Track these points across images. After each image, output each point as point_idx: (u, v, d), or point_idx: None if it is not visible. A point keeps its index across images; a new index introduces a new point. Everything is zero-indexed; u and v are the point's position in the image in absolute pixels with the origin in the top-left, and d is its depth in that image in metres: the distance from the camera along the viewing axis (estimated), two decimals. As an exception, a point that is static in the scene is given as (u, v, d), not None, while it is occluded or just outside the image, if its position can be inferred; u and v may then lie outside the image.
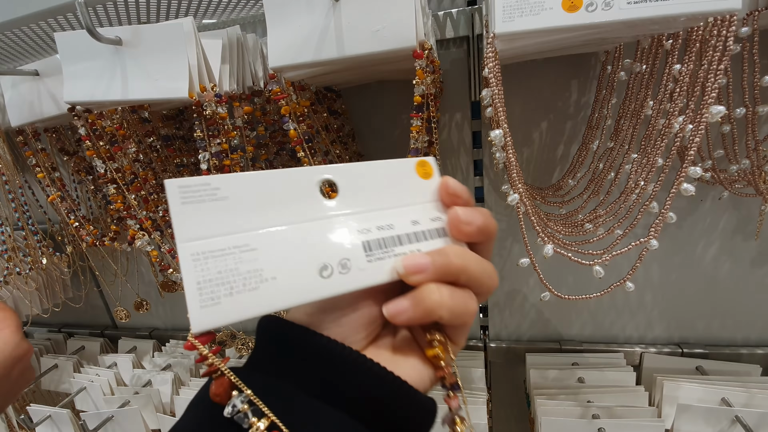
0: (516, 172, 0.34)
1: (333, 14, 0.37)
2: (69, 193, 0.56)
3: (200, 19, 0.65)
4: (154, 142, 0.55)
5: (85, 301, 0.88)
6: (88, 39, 0.43)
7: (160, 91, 0.42)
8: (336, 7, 0.37)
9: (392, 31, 0.36)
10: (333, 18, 0.37)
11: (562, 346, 0.72)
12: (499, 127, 0.33)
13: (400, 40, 0.36)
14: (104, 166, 0.47)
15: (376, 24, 0.36)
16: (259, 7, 0.62)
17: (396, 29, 0.36)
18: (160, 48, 0.41)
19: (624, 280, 0.38)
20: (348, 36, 0.37)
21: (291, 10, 0.38)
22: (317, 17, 0.38)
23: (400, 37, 0.36)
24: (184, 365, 0.82)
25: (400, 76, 0.58)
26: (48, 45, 0.64)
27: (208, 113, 0.44)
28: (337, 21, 0.37)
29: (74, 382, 0.82)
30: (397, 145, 0.67)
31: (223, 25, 0.66)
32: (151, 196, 0.52)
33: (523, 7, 0.30)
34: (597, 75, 0.57)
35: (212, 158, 0.45)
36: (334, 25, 0.37)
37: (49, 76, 0.54)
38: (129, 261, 0.85)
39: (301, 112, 0.47)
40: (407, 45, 0.35)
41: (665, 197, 0.35)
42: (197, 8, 0.59)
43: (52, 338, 0.98)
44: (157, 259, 0.51)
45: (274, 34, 0.39)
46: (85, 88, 0.44)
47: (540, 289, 0.70)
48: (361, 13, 0.36)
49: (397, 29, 0.36)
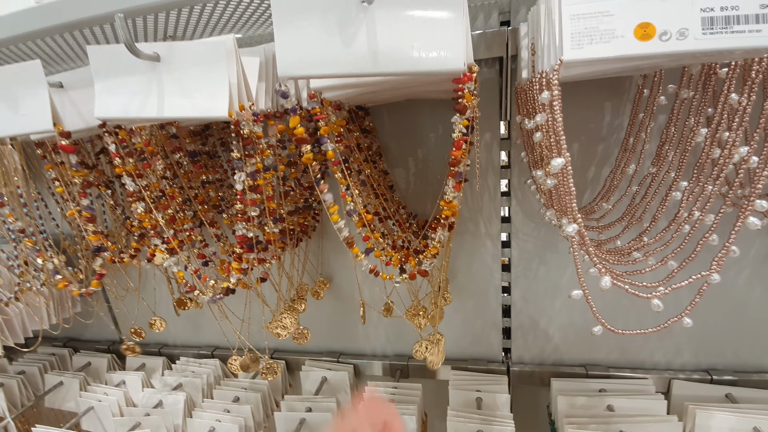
0: (573, 202, 0.33)
1: (366, 32, 0.35)
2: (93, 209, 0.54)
3: (225, 32, 0.64)
4: (181, 158, 0.54)
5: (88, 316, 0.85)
6: (123, 54, 0.41)
7: (198, 110, 0.40)
8: (367, 14, 0.34)
9: (438, 52, 0.34)
10: (366, 34, 0.35)
11: (588, 371, 0.70)
12: (560, 155, 0.32)
13: (446, 63, 0.34)
14: (134, 184, 0.46)
15: (417, 42, 0.34)
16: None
17: (443, 50, 0.34)
18: (199, 65, 0.40)
19: (681, 315, 0.36)
20: (386, 53, 0.34)
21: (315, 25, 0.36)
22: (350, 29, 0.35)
23: (447, 59, 0.34)
24: (195, 385, 0.79)
25: (431, 96, 0.57)
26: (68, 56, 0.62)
27: (246, 132, 0.42)
28: (371, 38, 0.34)
29: (81, 402, 0.79)
30: (423, 163, 0.66)
31: (249, 40, 0.65)
32: (178, 214, 0.50)
33: (593, 34, 0.29)
34: (632, 98, 0.57)
35: (247, 178, 0.44)
36: (368, 42, 0.35)
37: (74, 89, 0.52)
38: (141, 276, 0.82)
39: (338, 132, 0.46)
40: (455, 68, 0.34)
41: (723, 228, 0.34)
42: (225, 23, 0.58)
43: (57, 353, 0.95)
44: (183, 279, 0.49)
45: (295, 47, 0.37)
46: (119, 104, 0.42)
47: (567, 312, 0.69)
48: (402, 31, 0.34)
49: (443, 50, 0.34)
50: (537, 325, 0.71)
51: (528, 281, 0.68)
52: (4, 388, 0.86)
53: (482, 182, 0.65)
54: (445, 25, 0.34)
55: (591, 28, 0.29)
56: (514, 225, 0.66)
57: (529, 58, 0.45)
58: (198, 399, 0.78)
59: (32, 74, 0.44)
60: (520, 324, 0.72)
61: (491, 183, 0.65)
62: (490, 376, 0.72)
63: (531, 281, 0.68)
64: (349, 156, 0.49)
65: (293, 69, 0.35)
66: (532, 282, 0.68)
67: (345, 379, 0.77)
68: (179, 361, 0.86)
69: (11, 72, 0.45)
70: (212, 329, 0.89)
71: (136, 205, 0.47)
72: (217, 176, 0.60)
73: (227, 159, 0.64)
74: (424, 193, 0.67)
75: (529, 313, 0.70)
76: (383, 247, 0.48)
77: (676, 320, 0.36)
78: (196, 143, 0.57)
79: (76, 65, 0.69)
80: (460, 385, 0.71)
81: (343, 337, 0.82)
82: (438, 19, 0.33)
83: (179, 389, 0.79)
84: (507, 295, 0.71)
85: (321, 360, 0.81)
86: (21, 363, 0.94)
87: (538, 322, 0.71)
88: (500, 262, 0.69)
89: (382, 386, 0.73)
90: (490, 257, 0.68)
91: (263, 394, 0.76)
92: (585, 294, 0.36)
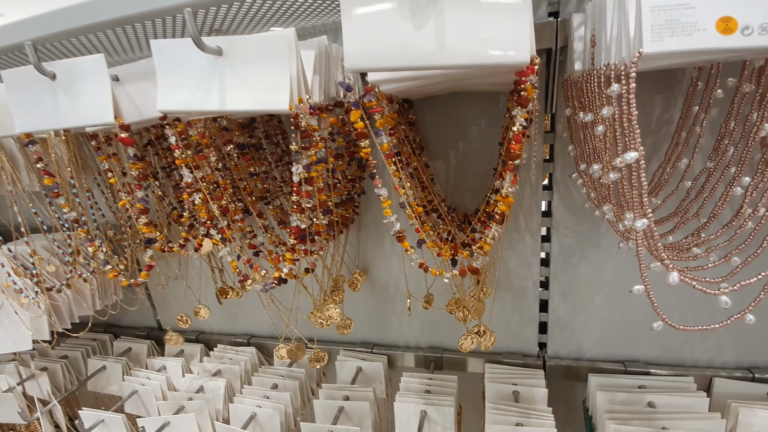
0: (645, 196, 0.33)
1: (434, 25, 0.35)
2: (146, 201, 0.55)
3: (269, 26, 0.65)
4: (231, 150, 0.55)
5: (129, 302, 0.88)
6: (186, 48, 0.42)
7: (259, 103, 0.41)
8: (435, 7, 0.34)
9: (504, 45, 0.34)
10: (434, 25, 0.35)
11: (627, 368, 0.69)
12: (635, 149, 0.31)
13: (512, 55, 0.34)
14: (191, 175, 0.47)
15: (484, 34, 0.34)
16: (329, 15, 0.61)
17: (509, 43, 0.34)
18: (261, 59, 0.41)
19: (745, 311, 0.36)
20: (453, 45, 0.34)
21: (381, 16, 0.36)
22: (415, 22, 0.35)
23: (514, 51, 0.34)
24: (234, 372, 0.81)
25: (479, 89, 0.57)
26: (114, 49, 0.64)
27: (304, 125, 0.43)
28: (439, 29, 0.35)
29: (125, 386, 0.82)
30: (464, 156, 0.66)
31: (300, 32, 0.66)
32: (230, 204, 0.52)
33: (674, 27, 0.29)
34: (684, 90, 0.55)
35: (303, 170, 0.45)
36: (435, 33, 0.35)
37: (130, 82, 0.53)
38: (181, 265, 0.85)
39: (392, 125, 0.46)
40: (521, 60, 0.34)
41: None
42: (272, 15, 0.58)
43: (98, 338, 0.99)
44: (237, 269, 0.50)
45: (359, 42, 0.37)
46: (181, 97, 0.43)
47: (607, 308, 0.68)
48: (469, 23, 0.34)
49: (510, 43, 0.34)
50: (575, 320, 0.71)
51: (567, 276, 0.68)
52: (48, 372, 0.89)
53: (524, 175, 0.64)
54: (512, 18, 0.34)
55: (672, 20, 0.29)
56: (555, 219, 0.65)
57: (586, 50, 0.44)
58: (237, 385, 0.80)
59: (96, 68, 0.46)
60: (557, 319, 0.71)
61: (533, 176, 0.64)
62: (526, 370, 0.73)
63: (571, 276, 0.68)
64: (400, 149, 0.49)
65: (361, 61, 0.35)
66: (572, 277, 0.68)
67: (380, 370, 0.78)
68: (217, 348, 0.89)
69: (75, 65, 0.46)
70: (248, 318, 0.91)
71: (194, 195, 0.48)
72: (262, 168, 0.61)
73: (271, 151, 0.65)
74: (464, 186, 0.67)
75: (567, 308, 0.70)
76: (433, 239, 0.48)
77: (739, 317, 0.35)
78: (244, 136, 0.58)
79: (121, 58, 0.71)
80: (496, 378, 0.71)
81: (378, 328, 0.83)
82: (505, 11, 0.33)
83: (218, 375, 0.81)
84: (544, 289, 0.71)
85: (355, 350, 0.82)
86: (63, 348, 0.98)
87: (576, 317, 0.70)
88: (539, 257, 0.68)
89: (417, 377, 0.74)
90: (529, 251, 0.68)
91: (300, 382, 0.77)
92: (647, 290, 0.35)
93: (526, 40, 0.32)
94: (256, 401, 0.72)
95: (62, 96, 0.47)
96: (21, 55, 0.61)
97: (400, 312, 0.81)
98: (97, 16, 0.45)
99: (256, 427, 0.70)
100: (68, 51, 0.60)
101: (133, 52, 0.69)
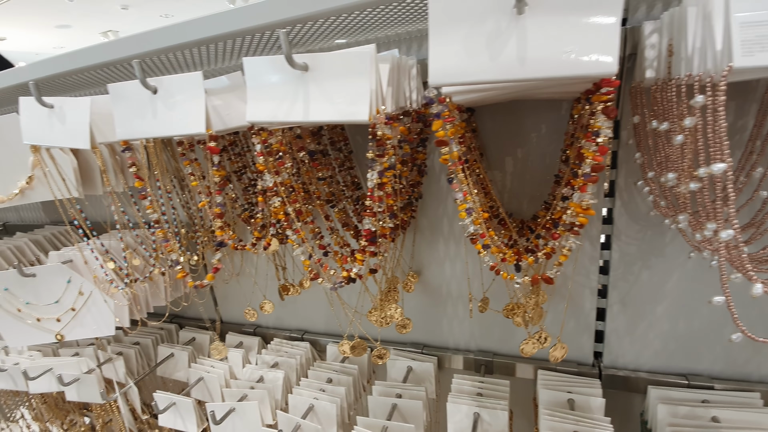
0: (732, 207, 0.33)
1: (517, 39, 0.36)
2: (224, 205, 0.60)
3: (332, 40, 0.69)
4: (303, 156, 0.59)
5: (199, 295, 0.95)
6: (275, 64, 0.46)
7: (341, 114, 0.44)
8: (518, 23, 0.35)
9: (591, 56, 0.34)
10: (517, 42, 0.36)
11: (690, 381, 0.67)
12: (723, 160, 0.32)
13: (600, 66, 0.35)
14: (273, 179, 0.51)
15: (569, 46, 0.35)
16: (397, 27, 0.64)
17: (597, 53, 0.34)
18: (344, 74, 0.44)
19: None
20: (540, 60, 0.36)
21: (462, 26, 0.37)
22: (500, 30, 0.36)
23: (601, 62, 0.34)
24: (290, 365, 0.86)
25: (545, 97, 0.58)
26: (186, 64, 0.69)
27: (380, 134, 0.46)
28: (520, 39, 0.36)
29: (191, 372, 0.88)
30: (522, 163, 0.67)
31: (356, 44, 0.69)
32: (303, 207, 0.55)
33: (764, 42, 0.29)
34: (759, 98, 0.54)
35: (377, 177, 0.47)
36: (518, 50, 0.36)
37: (215, 95, 0.58)
38: (243, 262, 0.90)
39: (461, 134, 0.48)
40: (609, 71, 0.35)
41: None
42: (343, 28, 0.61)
43: (165, 328, 1.06)
44: (309, 267, 0.54)
45: (446, 52, 0.38)
46: (269, 109, 0.47)
47: (670, 319, 0.67)
48: (553, 35, 0.35)
49: (598, 53, 0.34)
50: (634, 330, 0.69)
51: (628, 285, 0.67)
52: (124, 357, 0.98)
53: (584, 183, 0.64)
54: (602, 29, 0.34)
55: (762, 35, 0.29)
56: (617, 227, 0.65)
57: (661, 59, 0.44)
58: (293, 378, 0.84)
59: (194, 83, 0.51)
60: (615, 328, 0.70)
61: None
62: (581, 378, 0.72)
63: (631, 285, 0.67)
64: (468, 156, 0.51)
65: (444, 77, 0.37)
66: (633, 286, 0.67)
67: (430, 370, 0.80)
68: (273, 342, 0.94)
69: (176, 81, 0.52)
70: (302, 314, 0.95)
71: (273, 199, 0.52)
72: (328, 173, 0.65)
73: (335, 157, 0.68)
74: (521, 192, 0.68)
75: (627, 317, 0.69)
76: (497, 244, 0.49)
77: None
78: (314, 143, 0.62)
79: (196, 70, 0.77)
80: (549, 385, 0.71)
81: (428, 329, 0.84)
82: (595, 22, 0.33)
83: (276, 367, 0.86)
84: (601, 297, 0.70)
85: (405, 350, 0.84)
86: (134, 335, 1.06)
87: (635, 327, 0.69)
88: (598, 264, 0.68)
89: (468, 379, 0.75)
90: (587, 258, 0.68)
91: (354, 378, 0.80)
92: (728, 301, 0.35)
93: (614, 50, 0.33)
94: (312, 393, 0.76)
95: (161, 107, 0.53)
96: (116, 69, 0.68)
97: (451, 314, 0.82)
98: (198, 34, 0.50)
99: (314, 417, 0.74)
100: (163, 64, 0.66)
101: (208, 65, 0.75)
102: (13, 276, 0.79)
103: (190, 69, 0.76)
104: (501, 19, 0.35)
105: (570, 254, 0.43)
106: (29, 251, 0.99)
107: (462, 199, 0.44)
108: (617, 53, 0.33)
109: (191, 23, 0.50)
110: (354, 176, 0.72)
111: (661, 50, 0.44)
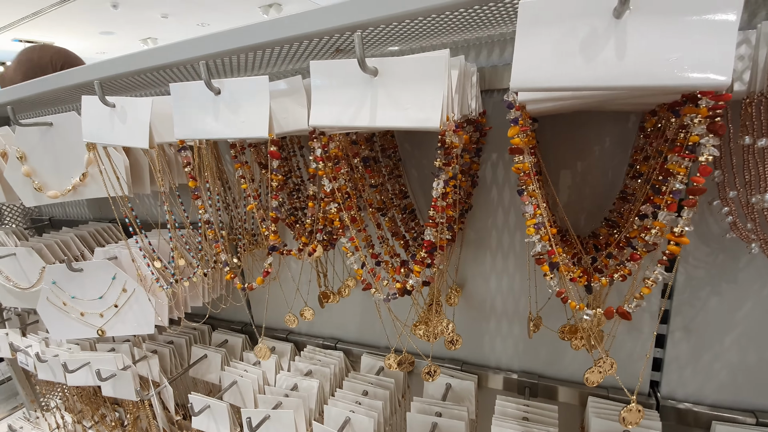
0: None
1: (615, 46, 0.34)
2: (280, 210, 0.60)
3: (385, 47, 0.68)
4: (357, 163, 0.58)
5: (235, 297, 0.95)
6: (344, 68, 0.45)
7: (409, 121, 0.43)
8: (617, 27, 0.33)
9: (700, 65, 0.31)
10: (615, 48, 0.34)
11: (759, 419, 0.62)
12: None
13: (713, 78, 0.31)
14: (331, 185, 0.50)
15: (679, 56, 0.32)
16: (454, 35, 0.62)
17: (707, 63, 0.31)
18: (415, 79, 0.42)
19: None
20: (639, 69, 0.33)
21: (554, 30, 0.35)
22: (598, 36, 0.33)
23: (713, 73, 0.31)
24: (324, 374, 0.84)
25: (616, 108, 0.55)
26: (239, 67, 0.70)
27: (448, 142, 0.44)
28: (619, 44, 0.33)
29: (224, 375, 0.87)
30: (582, 177, 0.64)
31: (410, 51, 0.68)
32: (358, 213, 0.54)
33: None
34: None
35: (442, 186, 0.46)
36: (615, 58, 0.34)
37: (273, 99, 0.58)
38: (281, 266, 0.90)
39: (533, 144, 0.46)
40: (723, 83, 0.31)
41: None
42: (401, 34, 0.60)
43: (198, 328, 1.07)
44: (361, 277, 0.52)
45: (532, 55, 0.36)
46: (333, 113, 0.46)
47: (739, 350, 0.62)
48: (656, 38, 0.32)
49: (709, 64, 0.31)
50: (698, 360, 0.65)
51: (694, 310, 0.63)
52: (158, 355, 0.98)
53: (649, 200, 0.61)
54: (716, 34, 0.31)
55: None
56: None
57: (757, 71, 0.41)
58: (326, 387, 0.83)
59: (259, 87, 0.50)
60: (676, 356, 0.66)
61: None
62: (635, 407, 0.67)
63: (698, 311, 0.62)
64: (537, 168, 0.48)
65: (528, 81, 0.35)
66: (699, 312, 0.62)
67: (470, 389, 0.77)
68: (306, 350, 0.92)
69: (242, 83, 0.52)
70: (336, 321, 0.93)
71: (330, 205, 0.51)
72: (380, 180, 0.63)
73: (385, 165, 0.67)
74: (579, 207, 0.65)
75: (690, 345, 0.65)
76: (566, 263, 0.47)
77: None
78: (367, 149, 0.61)
79: (240, 75, 0.77)
80: (602, 414, 0.67)
81: (469, 346, 0.81)
82: (708, 27, 0.31)
83: (310, 376, 0.84)
84: (662, 323, 0.66)
85: (444, 366, 0.81)
86: (168, 335, 1.07)
87: (699, 357, 0.64)
88: (660, 287, 0.64)
89: (512, 402, 0.71)
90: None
91: (390, 392, 0.78)
92: None
93: (730, 60, 0.30)
94: (348, 405, 0.74)
95: (223, 109, 0.53)
96: (171, 72, 0.69)
97: (493, 331, 0.79)
98: (265, 36, 0.50)
99: (350, 431, 0.72)
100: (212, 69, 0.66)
101: (254, 70, 0.75)
102: (62, 270, 0.80)
103: (235, 74, 0.77)
104: (598, 22, 0.33)
105: (654, 287, 0.40)
106: (74, 246, 1.01)
107: (532, 213, 0.42)
108: (732, 63, 0.30)
109: (260, 25, 0.50)
110: (402, 184, 0.71)
111: (759, 63, 0.41)
